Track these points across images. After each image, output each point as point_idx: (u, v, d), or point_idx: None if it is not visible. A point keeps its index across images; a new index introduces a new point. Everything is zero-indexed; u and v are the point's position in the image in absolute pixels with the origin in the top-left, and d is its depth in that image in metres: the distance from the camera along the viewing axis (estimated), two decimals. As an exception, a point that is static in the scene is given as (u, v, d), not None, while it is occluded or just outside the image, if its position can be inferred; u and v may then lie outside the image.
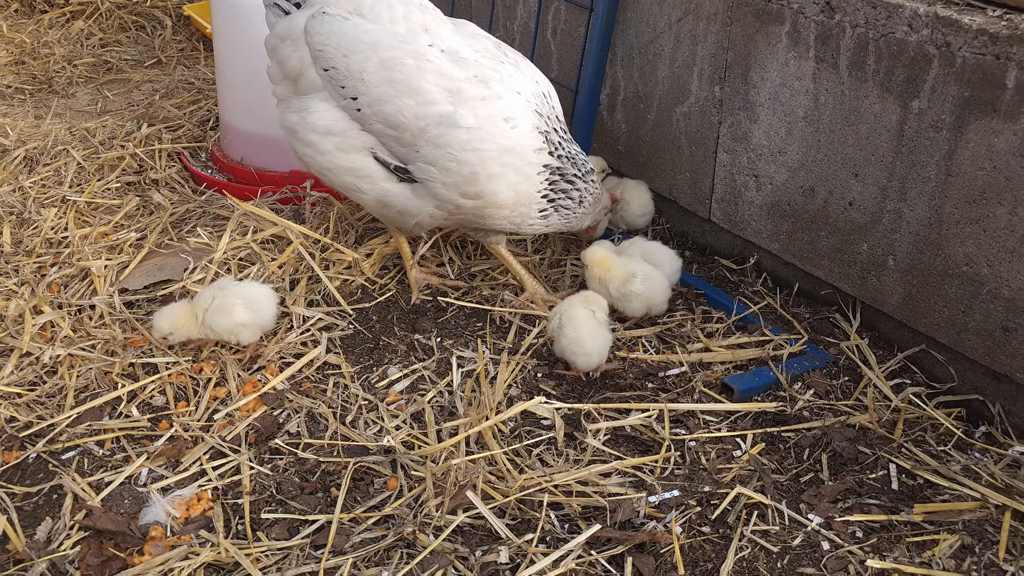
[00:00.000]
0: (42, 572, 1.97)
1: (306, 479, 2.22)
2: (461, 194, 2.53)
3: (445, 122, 2.45)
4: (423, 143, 2.47)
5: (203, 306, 2.56)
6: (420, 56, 2.48)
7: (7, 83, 4.58)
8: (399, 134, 2.50)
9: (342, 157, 2.63)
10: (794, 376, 2.51)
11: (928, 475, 2.17)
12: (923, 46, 2.27)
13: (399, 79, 2.47)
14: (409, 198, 2.62)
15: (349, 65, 2.51)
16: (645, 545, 1.99)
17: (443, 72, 2.47)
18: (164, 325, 2.57)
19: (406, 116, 2.47)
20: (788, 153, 2.73)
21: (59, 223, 3.21)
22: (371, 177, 2.64)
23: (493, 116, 2.48)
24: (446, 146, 2.46)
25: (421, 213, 2.64)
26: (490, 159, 2.49)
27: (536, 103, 2.58)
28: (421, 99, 2.45)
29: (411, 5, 2.61)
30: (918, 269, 2.44)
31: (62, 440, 2.35)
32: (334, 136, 2.61)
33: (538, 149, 2.55)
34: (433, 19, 2.61)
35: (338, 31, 2.54)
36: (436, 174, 2.51)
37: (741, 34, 2.77)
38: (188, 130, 3.97)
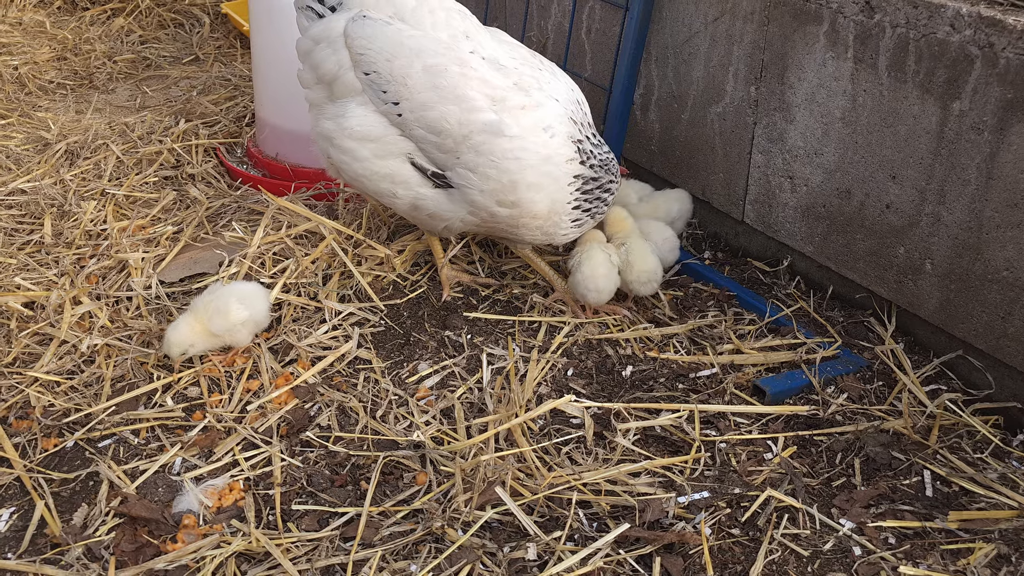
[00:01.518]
0: (78, 556, 2.01)
1: (336, 472, 2.24)
2: (498, 202, 2.54)
3: (489, 130, 2.46)
4: (465, 150, 2.48)
5: (204, 311, 2.54)
6: (464, 63, 2.50)
7: (50, 78, 4.67)
8: (441, 140, 2.51)
9: (379, 164, 2.64)
10: (827, 380, 2.49)
11: (964, 482, 2.14)
12: (965, 47, 2.23)
13: (444, 85, 2.48)
14: (442, 203, 2.63)
15: (392, 70, 2.52)
16: (674, 546, 1.98)
17: (486, 80, 2.49)
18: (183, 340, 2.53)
19: (450, 123, 2.48)
20: (824, 155, 2.70)
21: (98, 216, 3.27)
22: (407, 183, 2.65)
23: (534, 126, 2.50)
24: (489, 153, 2.47)
25: (453, 218, 2.66)
26: (530, 168, 2.50)
27: (571, 110, 2.59)
28: (466, 106, 2.46)
29: (452, 11, 2.62)
30: (956, 273, 2.41)
31: (99, 428, 2.39)
32: (371, 142, 2.62)
33: (570, 159, 2.56)
34: (473, 26, 2.63)
35: (381, 35, 2.54)
36: (475, 181, 2.52)
37: (778, 34, 2.74)
38: (224, 126, 4.02)
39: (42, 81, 4.63)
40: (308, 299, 2.83)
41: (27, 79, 4.57)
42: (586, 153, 2.59)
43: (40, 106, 4.36)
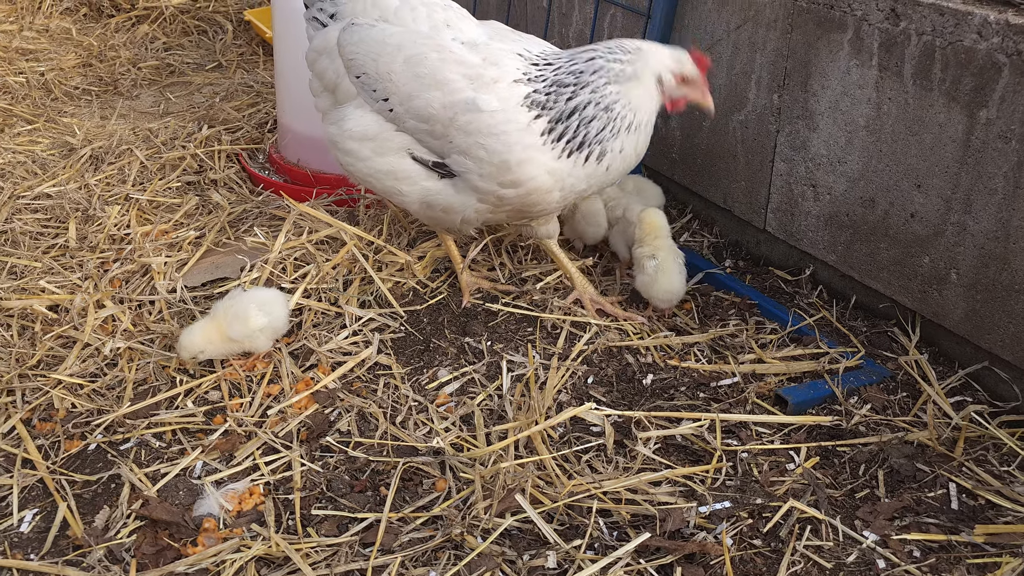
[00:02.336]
0: (100, 558, 2.02)
1: (356, 477, 2.24)
2: (499, 183, 2.50)
3: (470, 108, 2.44)
4: (454, 132, 2.47)
5: (224, 317, 2.55)
6: (443, 49, 2.52)
7: (75, 84, 4.73)
8: (431, 127, 2.52)
9: (380, 161, 2.66)
10: (850, 390, 2.46)
11: (990, 495, 2.11)
12: (993, 54, 2.21)
13: (424, 73, 2.50)
14: (451, 195, 2.61)
15: (378, 68, 2.56)
16: (695, 556, 1.96)
17: (463, 60, 2.49)
18: (196, 342, 2.54)
19: (435, 108, 2.48)
20: (848, 163, 2.68)
21: (122, 220, 3.30)
22: (410, 178, 2.65)
23: (508, 97, 2.43)
24: (476, 133, 2.44)
25: (466, 208, 2.63)
26: (515, 143, 2.42)
27: (520, 69, 2.47)
28: (447, 89, 2.47)
29: (433, 6, 2.66)
30: (982, 283, 2.38)
31: (121, 431, 2.40)
32: (370, 140, 2.65)
33: (531, 121, 2.42)
34: (456, 15, 2.66)
35: (366, 37, 2.60)
36: (471, 165, 2.49)
37: (801, 41, 2.73)
38: (246, 132, 4.05)
39: (68, 87, 4.69)
40: (329, 304, 2.84)
41: (53, 85, 4.63)
42: (537, 104, 2.43)
43: (66, 112, 4.41)
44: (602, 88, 2.44)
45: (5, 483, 2.25)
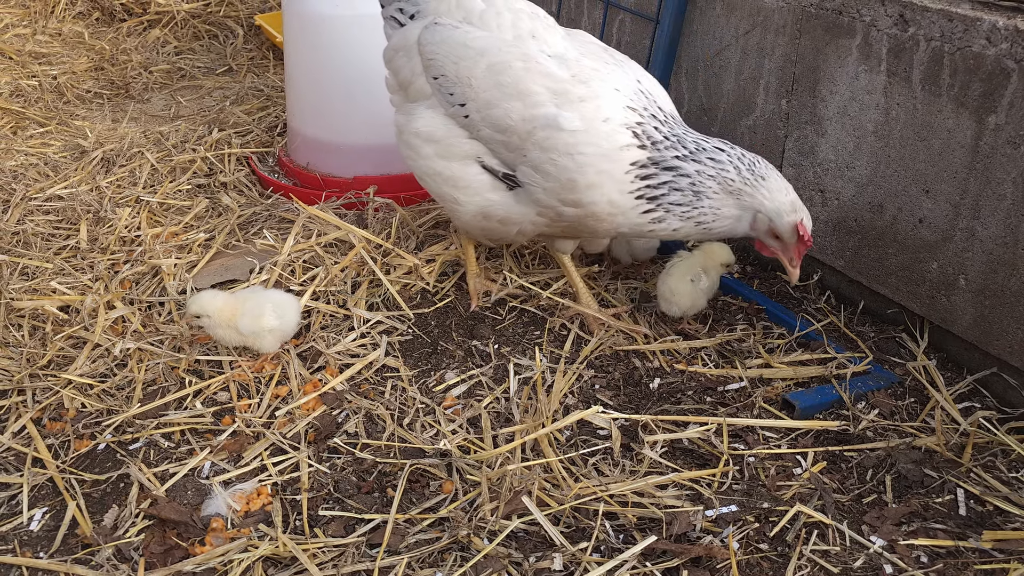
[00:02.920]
0: (108, 557, 2.03)
1: (363, 479, 2.25)
2: (560, 200, 2.46)
3: (550, 124, 2.39)
4: (531, 147, 2.42)
5: (238, 305, 2.57)
6: (529, 59, 2.45)
7: (87, 88, 4.76)
8: (507, 138, 2.46)
9: (441, 164, 2.62)
10: (858, 395, 2.46)
11: (998, 502, 2.10)
12: (1001, 60, 2.21)
13: (507, 82, 2.44)
14: (512, 206, 2.56)
15: (459, 71, 2.51)
16: (701, 559, 1.96)
17: (549, 74, 2.42)
18: (206, 306, 2.56)
19: (513, 119, 2.43)
20: (856, 168, 2.68)
21: (132, 222, 3.32)
22: (471, 188, 2.59)
23: (594, 117, 2.38)
24: (551, 149, 2.39)
25: (524, 220, 2.58)
26: (588, 165, 2.38)
27: (632, 99, 2.42)
28: (528, 101, 2.41)
29: (520, 13, 2.59)
30: (991, 289, 2.37)
31: (130, 431, 2.42)
32: (435, 143, 2.62)
33: (625, 146, 2.38)
34: (542, 26, 2.57)
35: (448, 39, 2.55)
36: (538, 179, 2.44)
37: (810, 47, 2.73)
38: (256, 135, 4.07)
39: (80, 90, 4.73)
40: (337, 307, 2.86)
41: (65, 88, 4.67)
42: (647, 136, 2.38)
43: (78, 115, 4.44)
44: (707, 179, 2.39)
45: (15, 482, 2.26)
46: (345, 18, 3.38)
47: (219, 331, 2.59)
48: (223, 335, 2.59)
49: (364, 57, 3.40)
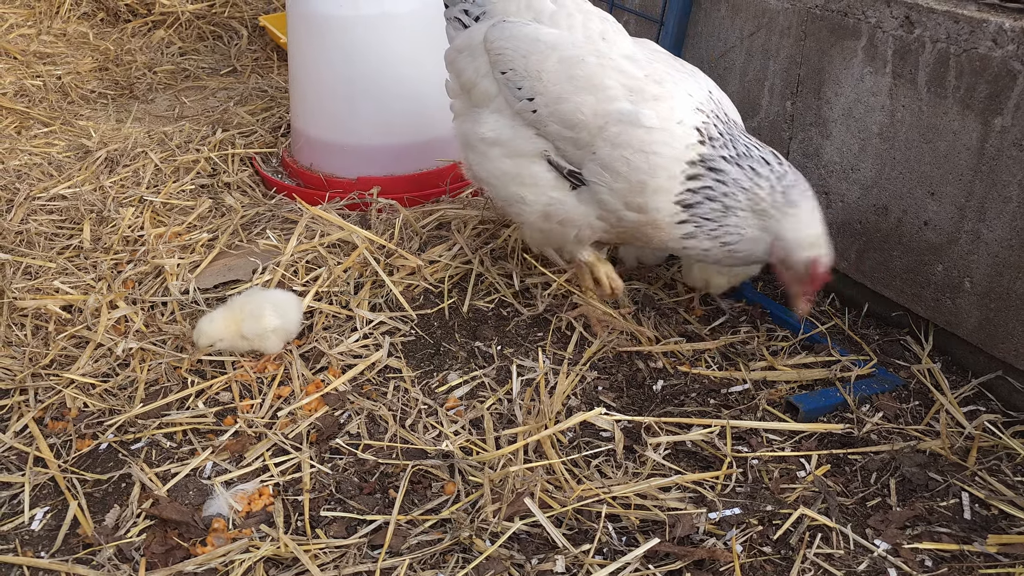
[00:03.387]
0: (109, 557, 2.03)
1: (365, 479, 2.24)
2: (625, 204, 2.38)
3: (626, 120, 2.31)
4: (601, 143, 2.35)
5: (238, 312, 2.58)
6: (603, 55, 2.41)
7: (91, 88, 4.77)
8: (576, 134, 2.40)
9: (508, 163, 2.58)
10: (862, 398, 2.45)
11: (1003, 505, 2.09)
12: (1008, 62, 2.20)
13: (580, 75, 2.39)
14: (574, 206, 2.50)
15: (528, 65, 2.47)
16: (704, 562, 1.95)
17: (624, 70, 2.38)
18: (213, 332, 2.57)
19: (584, 114, 2.37)
20: (861, 170, 2.67)
21: (136, 222, 3.32)
22: (537, 186, 2.54)
23: (669, 117, 2.32)
24: (625, 146, 2.31)
25: (583, 222, 2.52)
26: (661, 168, 2.30)
27: (702, 103, 2.37)
28: (602, 96, 2.35)
29: (591, 14, 2.56)
30: (996, 292, 2.36)
31: (132, 431, 2.41)
32: (501, 145, 2.59)
33: (690, 144, 2.31)
34: (612, 29, 2.55)
35: (518, 34, 2.52)
36: (607, 178, 2.37)
37: (815, 49, 2.73)
38: (260, 136, 4.07)
39: (84, 90, 4.73)
40: (340, 307, 2.85)
41: (70, 88, 4.67)
42: (710, 135, 2.31)
43: (82, 115, 4.45)
44: (739, 191, 2.30)
45: (17, 481, 2.26)
46: (349, 18, 3.38)
47: (231, 344, 2.60)
48: (235, 346, 2.61)
49: (368, 57, 3.40)
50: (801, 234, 2.28)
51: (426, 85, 3.52)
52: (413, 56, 3.46)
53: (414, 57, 3.46)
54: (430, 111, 3.57)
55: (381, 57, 3.42)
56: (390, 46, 3.42)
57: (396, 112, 3.49)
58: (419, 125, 3.55)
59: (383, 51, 3.42)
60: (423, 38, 3.48)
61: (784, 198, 2.28)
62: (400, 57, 3.44)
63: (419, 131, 3.55)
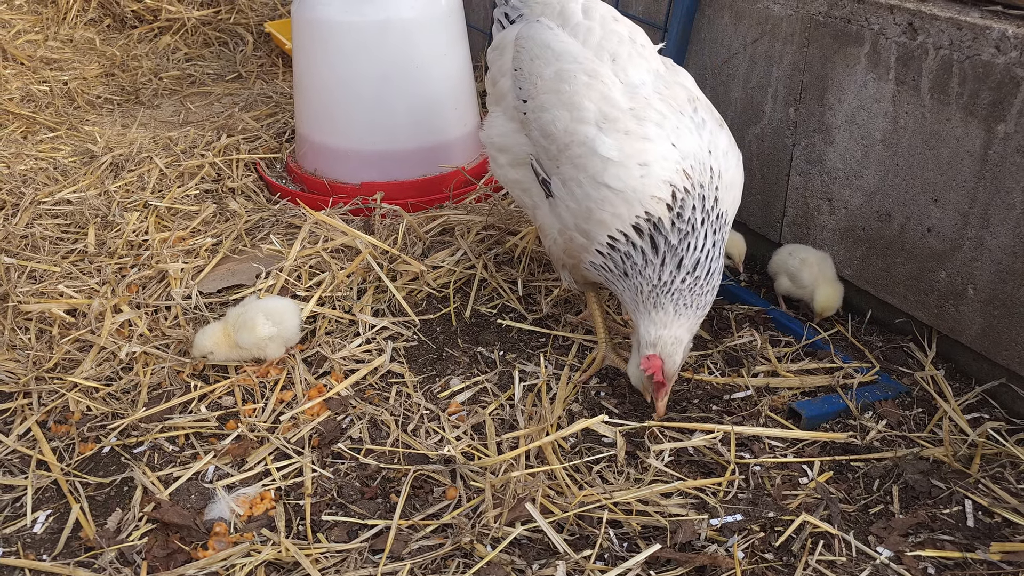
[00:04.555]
0: (111, 560, 2.03)
1: (367, 484, 2.24)
2: (576, 226, 2.34)
3: (587, 143, 2.27)
4: (564, 160, 2.34)
5: (232, 324, 2.59)
6: (596, 76, 2.36)
7: (97, 93, 4.79)
8: (547, 145, 2.40)
9: (514, 173, 2.60)
10: (865, 405, 2.44)
11: (1007, 513, 2.08)
12: (1011, 68, 2.20)
13: (565, 90, 2.37)
14: (546, 214, 2.49)
15: (532, 68, 2.49)
16: (705, 568, 1.94)
17: (608, 97, 2.31)
18: (205, 344, 2.58)
19: (557, 128, 2.36)
20: (864, 177, 2.67)
21: (140, 227, 3.33)
22: (529, 191, 2.56)
23: (632, 156, 2.22)
24: (583, 169, 2.29)
25: (552, 233, 2.49)
26: (607, 201, 2.23)
27: (686, 162, 2.22)
28: (576, 115, 2.33)
29: (613, 34, 2.48)
30: (1000, 299, 2.36)
31: (135, 434, 2.42)
32: (506, 152, 2.61)
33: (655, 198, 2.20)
34: (631, 51, 2.43)
35: (537, 36, 2.53)
36: (564, 195, 2.35)
37: (818, 55, 2.73)
38: (265, 141, 4.08)
39: (90, 96, 4.75)
40: (343, 312, 2.85)
41: (76, 94, 4.69)
42: (679, 209, 2.20)
43: (88, 120, 4.47)
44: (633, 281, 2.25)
45: (20, 484, 2.27)
46: (354, 24, 3.39)
47: (226, 355, 2.61)
48: (230, 356, 2.61)
49: (372, 63, 3.42)
50: (648, 334, 2.25)
51: (430, 91, 3.54)
52: (417, 62, 3.47)
53: (418, 63, 3.47)
54: (434, 117, 3.58)
55: (385, 63, 3.43)
56: (394, 52, 3.43)
57: (400, 118, 3.51)
58: (423, 131, 3.56)
59: (387, 57, 3.43)
60: (427, 44, 3.50)
61: (654, 297, 2.23)
62: (404, 63, 3.45)
63: (423, 137, 3.56)
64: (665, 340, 2.24)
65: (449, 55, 3.58)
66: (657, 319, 2.24)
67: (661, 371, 2.25)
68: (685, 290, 2.21)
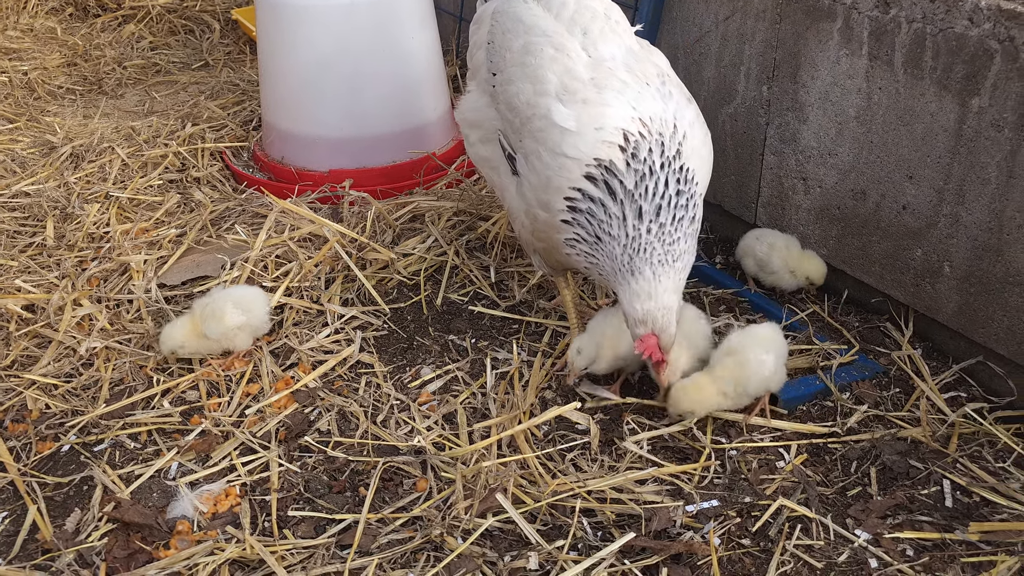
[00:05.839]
0: (69, 563, 1.96)
1: (335, 478, 2.18)
2: (537, 200, 2.27)
3: (546, 115, 2.21)
4: (526, 133, 2.29)
5: (200, 314, 2.51)
6: (562, 49, 2.29)
7: (59, 84, 4.66)
8: (512, 118, 2.34)
9: (483, 149, 2.57)
10: (842, 386, 2.41)
11: (985, 492, 2.05)
12: (984, 41, 2.16)
13: (531, 63, 2.32)
14: (514, 197, 2.42)
15: (503, 41, 2.44)
16: (681, 556, 1.90)
17: (571, 70, 2.25)
18: (175, 337, 2.51)
19: (520, 100, 2.30)
20: (838, 155, 2.63)
21: (101, 218, 3.24)
22: (497, 169, 2.50)
23: (590, 123, 2.15)
24: (543, 143, 2.22)
25: (519, 216, 2.43)
26: (567, 172, 2.16)
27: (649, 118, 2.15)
28: (539, 87, 2.27)
29: (586, 9, 2.40)
30: (976, 276, 2.33)
31: (95, 432, 2.34)
32: (477, 128, 2.58)
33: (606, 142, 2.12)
34: (603, 28, 2.36)
35: (509, 10, 2.49)
36: (527, 171, 2.29)
37: (791, 32, 2.68)
38: (231, 130, 3.99)
39: (51, 86, 4.63)
40: (310, 302, 2.79)
41: (36, 84, 4.57)
42: (633, 147, 2.11)
43: (48, 111, 4.35)
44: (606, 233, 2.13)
45: (-26, 486, 2.19)
46: (319, 7, 3.30)
47: (196, 348, 2.53)
48: (199, 348, 2.53)
49: (338, 48, 3.33)
50: (632, 308, 2.11)
51: (399, 76, 3.46)
52: (384, 46, 3.39)
53: (386, 47, 3.39)
54: (403, 102, 3.50)
55: (351, 47, 3.34)
56: (361, 36, 3.35)
57: (367, 103, 3.43)
58: (392, 116, 3.49)
59: (353, 41, 3.35)
60: (394, 28, 3.42)
61: (630, 261, 2.10)
62: (371, 47, 3.37)
63: (391, 122, 3.49)
64: (654, 313, 2.09)
65: (417, 39, 3.50)
66: (639, 289, 2.08)
67: (658, 348, 2.14)
68: (655, 241, 2.08)
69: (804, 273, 2.73)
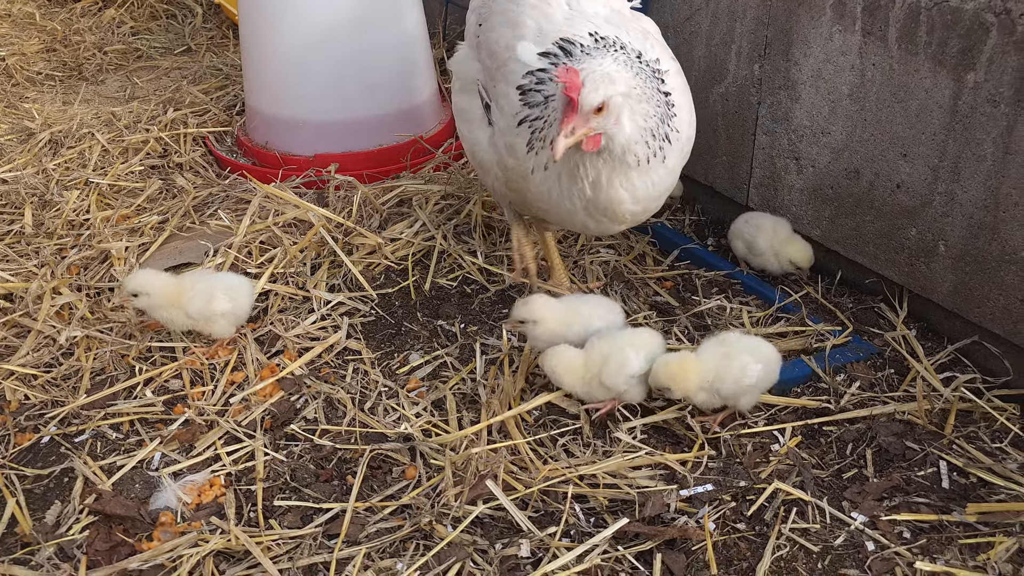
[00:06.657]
0: (49, 556, 1.91)
1: (322, 466, 2.13)
2: (505, 145, 2.27)
3: (520, 59, 2.22)
4: (499, 77, 2.29)
5: (186, 287, 2.44)
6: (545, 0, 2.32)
7: (38, 70, 4.57)
8: (490, 64, 2.35)
9: (461, 98, 2.55)
10: (837, 368, 2.37)
11: (982, 473, 2.03)
12: (980, 14, 2.12)
13: (512, 11, 2.34)
14: (486, 149, 2.43)
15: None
16: (676, 541, 1.87)
17: (549, 16, 2.29)
18: (140, 283, 2.41)
19: (499, 46, 2.32)
20: (831, 133, 2.59)
21: (81, 205, 3.17)
22: (471, 122, 2.49)
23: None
24: (512, 84, 2.22)
25: (492, 169, 2.41)
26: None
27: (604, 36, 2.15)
28: (517, 32, 2.29)
29: None
30: (971, 255, 2.29)
31: (76, 423, 2.29)
32: (460, 79, 2.57)
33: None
34: None
35: None
36: (497, 116, 2.29)
37: (782, 8, 2.63)
38: (214, 115, 3.92)
39: (30, 72, 4.54)
40: (296, 288, 2.73)
41: (15, 70, 4.48)
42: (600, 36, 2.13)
43: (27, 97, 4.27)
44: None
45: (-49, 479, 2.13)
46: (300, -12, 3.23)
47: (162, 312, 2.45)
48: (168, 317, 2.45)
49: (322, 30, 3.27)
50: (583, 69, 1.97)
51: (384, 58, 3.40)
52: (369, 28, 3.32)
53: (370, 29, 3.32)
54: (389, 85, 3.44)
55: (335, 30, 3.28)
56: (344, 18, 3.28)
57: (353, 86, 3.36)
58: (378, 99, 3.43)
59: (337, 23, 3.28)
60: (379, 10, 3.35)
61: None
62: (356, 29, 3.30)
63: (377, 105, 3.43)
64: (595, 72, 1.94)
65: (402, 21, 3.44)
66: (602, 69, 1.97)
67: (577, 90, 1.92)
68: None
69: (787, 256, 2.69)
